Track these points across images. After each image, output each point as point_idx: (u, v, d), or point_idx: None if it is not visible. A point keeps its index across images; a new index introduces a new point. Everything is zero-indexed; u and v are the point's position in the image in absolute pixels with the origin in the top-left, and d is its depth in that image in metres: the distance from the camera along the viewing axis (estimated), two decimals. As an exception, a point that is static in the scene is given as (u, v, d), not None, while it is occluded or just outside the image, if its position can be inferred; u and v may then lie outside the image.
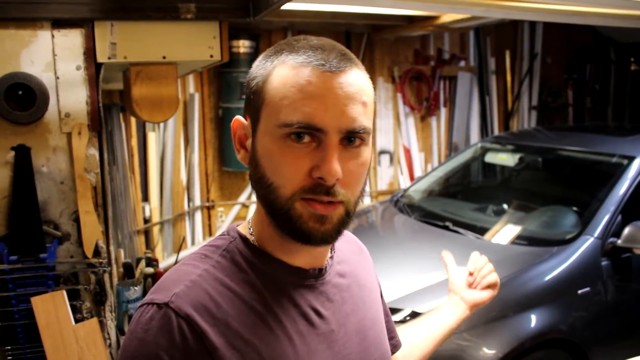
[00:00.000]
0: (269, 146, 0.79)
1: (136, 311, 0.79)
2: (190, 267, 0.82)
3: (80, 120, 1.66)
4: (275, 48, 0.83)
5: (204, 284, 0.79)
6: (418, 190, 4.18)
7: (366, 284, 1.00)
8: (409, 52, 5.73)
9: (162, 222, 4.67)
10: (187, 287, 0.78)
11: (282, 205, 0.79)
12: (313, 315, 0.86)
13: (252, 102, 0.82)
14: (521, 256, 2.91)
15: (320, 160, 0.77)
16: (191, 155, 4.81)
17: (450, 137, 5.95)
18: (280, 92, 0.78)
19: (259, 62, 0.84)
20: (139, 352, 0.75)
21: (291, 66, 0.79)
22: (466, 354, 2.48)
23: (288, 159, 0.78)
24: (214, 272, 0.81)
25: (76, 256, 1.73)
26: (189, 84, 4.79)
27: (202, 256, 0.84)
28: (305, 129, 0.76)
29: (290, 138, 0.77)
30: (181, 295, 0.77)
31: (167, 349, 0.74)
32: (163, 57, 1.75)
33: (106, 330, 1.82)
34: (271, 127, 0.79)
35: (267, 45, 4.99)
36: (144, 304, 0.78)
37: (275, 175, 0.79)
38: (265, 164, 0.80)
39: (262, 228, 0.86)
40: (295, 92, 0.77)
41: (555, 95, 6.56)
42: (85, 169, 1.68)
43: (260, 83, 0.81)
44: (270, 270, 0.84)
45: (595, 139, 3.87)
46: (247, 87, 0.84)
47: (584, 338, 2.73)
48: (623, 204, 3.04)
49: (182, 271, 0.82)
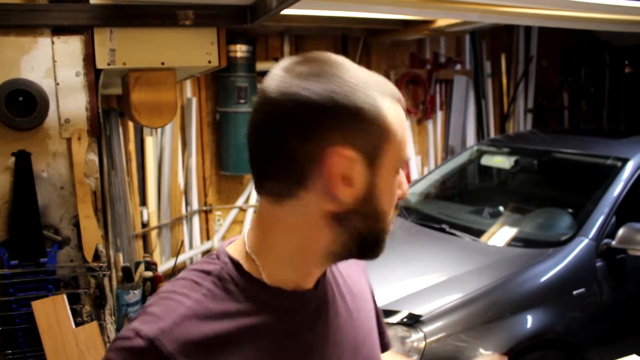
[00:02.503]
0: (391, 181, 0.80)
1: (122, 332, 0.76)
2: (181, 297, 0.78)
3: (80, 125, 1.68)
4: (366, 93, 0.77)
5: (193, 318, 0.76)
6: (415, 193, 4.20)
7: (359, 293, 0.98)
8: (405, 56, 5.76)
9: (160, 226, 4.68)
10: (175, 323, 0.74)
11: (385, 229, 0.83)
12: (308, 336, 0.84)
13: (367, 135, 0.75)
14: (517, 258, 2.93)
15: (400, 184, 0.82)
16: (189, 159, 4.83)
17: (446, 140, 5.98)
18: (399, 128, 0.78)
19: (358, 85, 0.75)
20: None
21: (391, 100, 0.78)
22: (463, 355, 2.49)
23: (395, 189, 0.82)
24: (204, 302, 0.78)
25: (76, 260, 1.74)
26: (187, 89, 4.81)
27: (193, 283, 0.80)
28: None
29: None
30: (167, 332, 0.73)
31: None
32: (162, 63, 1.77)
33: (106, 334, 1.83)
34: (396, 163, 0.79)
35: (264, 49, 5.02)
36: (130, 329, 0.74)
37: (390, 206, 0.81)
38: (385, 198, 0.80)
39: (286, 256, 0.81)
40: (403, 128, 0.79)
41: (551, 98, 6.60)
42: (84, 174, 1.70)
43: (375, 115, 0.75)
44: (265, 296, 0.81)
45: (590, 142, 3.90)
46: (351, 113, 0.73)
47: (580, 338, 2.75)
48: (617, 205, 3.07)
49: (172, 300, 0.77)
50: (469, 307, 2.63)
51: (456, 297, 2.65)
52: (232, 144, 4.80)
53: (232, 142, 4.80)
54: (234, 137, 4.78)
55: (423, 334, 2.51)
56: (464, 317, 2.59)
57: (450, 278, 2.82)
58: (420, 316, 2.56)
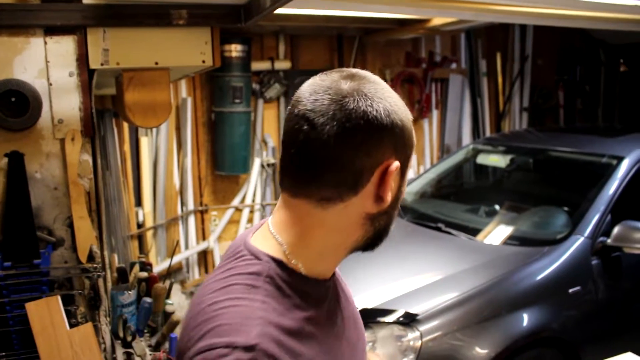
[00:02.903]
0: (405, 184, 0.92)
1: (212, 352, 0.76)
2: (247, 302, 0.81)
3: (74, 126, 1.67)
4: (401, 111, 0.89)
5: (271, 318, 0.80)
6: (410, 192, 4.20)
7: (339, 278, 1.05)
8: (400, 55, 5.76)
9: (155, 226, 4.67)
10: (261, 325, 0.78)
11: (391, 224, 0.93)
12: (338, 320, 0.94)
13: (405, 148, 0.88)
14: (513, 256, 2.94)
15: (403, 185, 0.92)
16: (184, 159, 4.82)
17: (442, 139, 5.99)
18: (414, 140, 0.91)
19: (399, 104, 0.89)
20: None
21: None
22: (459, 354, 2.50)
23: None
24: (270, 302, 0.82)
25: (70, 261, 1.73)
26: (182, 88, 4.79)
27: (249, 286, 0.83)
28: None
29: None
30: (262, 335, 0.77)
31: None
32: (155, 62, 1.76)
33: (101, 335, 1.82)
34: (408, 169, 0.91)
35: (259, 49, 5.01)
36: (218, 347, 0.75)
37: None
38: (400, 200, 0.92)
39: (323, 252, 0.89)
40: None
41: (546, 96, 6.61)
42: (78, 174, 1.69)
43: (409, 131, 0.89)
44: (308, 288, 0.87)
45: (585, 140, 3.90)
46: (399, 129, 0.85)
47: (576, 336, 2.76)
48: (612, 203, 3.08)
49: (240, 307, 0.80)
50: (465, 305, 2.63)
51: (452, 295, 2.65)
52: (228, 143, 4.79)
53: (228, 142, 4.79)
54: (230, 137, 4.77)
55: (419, 332, 2.51)
56: (460, 316, 2.59)
57: (446, 277, 2.82)
58: (416, 315, 2.56)
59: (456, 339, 2.54)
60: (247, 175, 5.10)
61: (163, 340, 1.93)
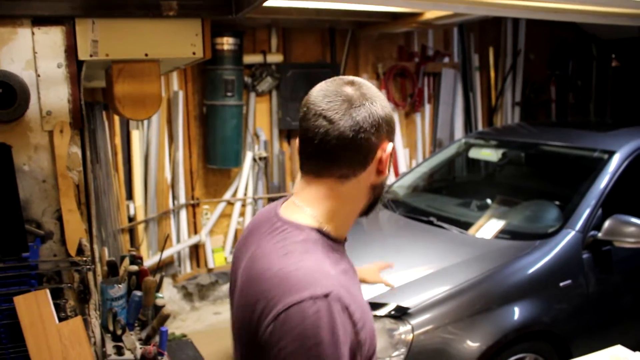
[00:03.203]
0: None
1: (300, 306, 0.94)
2: (310, 262, 1.03)
3: (62, 118, 1.65)
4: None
5: (330, 271, 1.03)
6: (402, 186, 4.20)
7: None
8: (393, 49, 5.75)
9: (146, 220, 4.65)
10: (328, 277, 1.00)
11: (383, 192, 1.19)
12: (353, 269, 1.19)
13: (392, 133, 1.15)
14: (504, 250, 2.95)
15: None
16: (175, 153, 4.80)
17: (434, 133, 5.99)
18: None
19: (385, 100, 1.15)
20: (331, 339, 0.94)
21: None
22: (451, 347, 2.50)
23: None
24: (324, 259, 1.05)
25: (59, 255, 1.72)
26: (173, 82, 4.76)
27: (304, 251, 1.05)
28: None
29: None
30: (331, 284, 0.98)
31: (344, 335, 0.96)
32: (145, 54, 1.74)
33: (90, 329, 1.81)
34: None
35: (251, 42, 4.99)
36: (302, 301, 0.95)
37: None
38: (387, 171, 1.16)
39: (343, 218, 1.14)
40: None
41: (539, 91, 6.62)
42: (67, 167, 1.67)
43: (393, 120, 1.16)
44: (337, 248, 1.13)
45: (577, 134, 3.91)
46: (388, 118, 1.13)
47: (566, 330, 2.77)
48: (604, 197, 3.09)
49: (308, 266, 1.01)
50: (456, 299, 2.63)
51: (444, 289, 2.65)
52: (220, 137, 4.77)
53: (220, 135, 4.77)
54: (221, 130, 4.75)
55: (411, 326, 2.51)
56: (451, 310, 2.59)
57: (438, 270, 2.82)
58: (407, 308, 2.56)
59: (448, 333, 2.54)
60: (239, 169, 5.09)
61: (153, 334, 1.92)
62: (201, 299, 5.02)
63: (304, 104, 1.14)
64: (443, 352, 2.50)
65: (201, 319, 4.76)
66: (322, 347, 0.93)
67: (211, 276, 5.02)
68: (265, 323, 0.98)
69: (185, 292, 4.94)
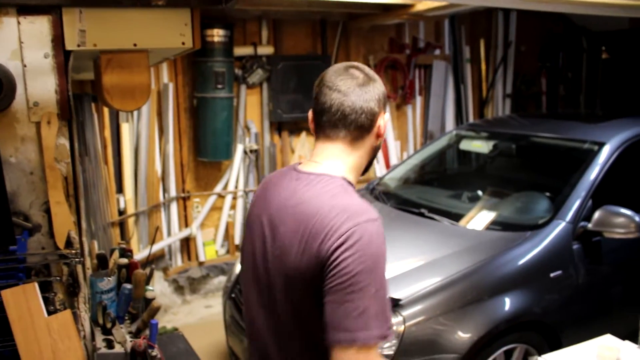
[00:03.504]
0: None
1: (362, 225, 1.26)
2: (355, 197, 1.35)
3: (50, 109, 1.63)
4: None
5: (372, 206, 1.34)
6: (394, 178, 4.20)
7: None
8: (384, 41, 5.74)
9: (137, 213, 4.63)
10: (372, 207, 1.32)
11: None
12: None
13: (387, 104, 1.48)
14: (495, 241, 2.95)
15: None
16: (166, 145, 4.77)
17: (425, 125, 5.99)
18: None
19: (379, 79, 1.46)
20: (383, 248, 1.28)
21: None
22: (442, 338, 2.51)
23: None
24: (362, 198, 1.36)
25: (47, 247, 1.70)
26: (163, 74, 4.73)
27: (346, 190, 1.36)
28: None
29: None
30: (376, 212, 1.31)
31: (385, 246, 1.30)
32: (134, 44, 1.72)
33: (80, 322, 1.80)
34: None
35: (242, 34, 4.96)
36: (367, 221, 1.27)
37: None
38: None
39: (355, 172, 1.45)
40: None
41: (529, 83, 6.64)
42: (55, 158, 1.65)
43: (385, 96, 1.47)
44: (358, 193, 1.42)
45: (567, 126, 3.92)
46: (384, 92, 1.46)
47: (556, 320, 2.79)
48: (594, 189, 3.10)
49: (357, 199, 1.33)
50: (447, 290, 2.64)
51: (435, 280, 2.66)
52: (210, 129, 4.74)
53: (210, 128, 4.74)
54: (212, 122, 4.73)
55: (402, 317, 2.52)
56: (442, 301, 2.60)
57: (429, 262, 2.82)
58: (399, 300, 2.57)
59: (439, 324, 2.55)
60: (230, 161, 5.07)
61: (144, 327, 1.90)
62: (192, 293, 5.01)
63: (319, 83, 1.43)
64: (434, 343, 2.50)
65: (193, 313, 4.75)
66: (379, 252, 1.26)
67: (202, 269, 5.01)
68: (330, 243, 1.24)
69: (177, 286, 4.92)
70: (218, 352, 3.91)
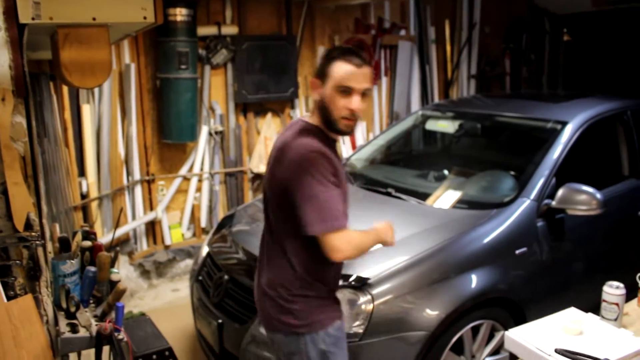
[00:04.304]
0: (333, 95, 1.91)
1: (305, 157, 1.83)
2: (310, 139, 1.89)
3: (4, 85, 1.56)
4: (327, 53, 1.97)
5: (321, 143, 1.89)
6: (360, 159, 4.20)
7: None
8: (349, 21, 5.70)
9: (100, 197, 4.52)
10: (319, 144, 1.88)
11: (334, 120, 1.93)
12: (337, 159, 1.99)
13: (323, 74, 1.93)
14: (462, 219, 2.98)
15: (346, 104, 1.91)
16: (129, 127, 4.66)
17: (391, 105, 6.00)
18: (336, 73, 1.90)
19: (322, 58, 1.97)
20: (324, 171, 1.83)
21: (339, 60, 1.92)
22: (410, 316, 2.53)
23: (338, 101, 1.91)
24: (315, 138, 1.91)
25: (6, 230, 1.64)
26: (125, 54, 4.60)
27: (307, 133, 1.92)
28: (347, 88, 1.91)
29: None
30: (321, 147, 1.87)
31: (327, 166, 1.84)
32: (93, 18, 1.66)
33: (42, 307, 1.75)
34: (336, 87, 1.90)
35: (205, 13, 4.86)
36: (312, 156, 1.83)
37: (336, 109, 1.92)
38: (331, 103, 1.91)
39: (320, 124, 1.96)
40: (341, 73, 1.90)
41: (493, 64, 6.70)
42: (11, 137, 1.59)
43: (327, 69, 1.92)
44: (330, 141, 1.98)
45: (531, 106, 3.97)
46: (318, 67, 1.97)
47: (522, 296, 2.83)
48: (557, 167, 3.15)
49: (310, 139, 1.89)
50: (415, 268, 2.65)
51: (403, 259, 2.67)
52: (174, 111, 4.65)
53: (174, 109, 4.65)
54: (176, 104, 4.63)
55: (371, 296, 2.52)
56: (410, 279, 2.61)
57: (397, 241, 2.82)
58: (367, 279, 2.57)
59: (407, 302, 2.56)
60: (195, 143, 4.99)
61: (109, 310, 1.86)
62: (159, 276, 4.94)
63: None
64: (403, 321, 2.52)
65: (159, 297, 4.70)
66: (312, 171, 1.81)
67: (168, 253, 4.94)
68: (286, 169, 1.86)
69: (142, 270, 4.85)
70: (186, 336, 3.87)
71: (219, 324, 2.89)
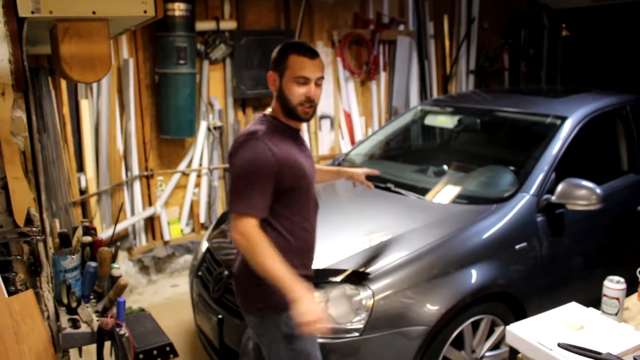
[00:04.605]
0: (290, 85, 2.05)
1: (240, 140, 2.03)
2: (259, 126, 2.05)
3: (4, 79, 1.55)
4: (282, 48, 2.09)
5: (267, 131, 2.03)
6: (359, 154, 4.20)
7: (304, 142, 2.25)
8: (348, 16, 5.69)
9: (99, 192, 4.51)
10: (264, 131, 2.02)
11: (293, 109, 2.06)
12: (301, 146, 2.16)
13: (280, 67, 2.07)
14: (461, 214, 2.98)
15: (304, 92, 2.05)
16: (127, 123, 4.65)
17: (390, 100, 5.99)
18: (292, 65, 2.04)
19: (277, 53, 2.09)
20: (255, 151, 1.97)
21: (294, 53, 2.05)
22: (410, 311, 2.53)
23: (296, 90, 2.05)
24: (267, 128, 2.05)
25: (6, 225, 1.63)
26: (123, 49, 4.59)
27: (255, 124, 2.08)
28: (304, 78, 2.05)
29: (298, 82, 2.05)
30: (263, 133, 2.02)
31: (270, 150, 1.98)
32: (93, 12, 1.64)
33: (43, 302, 1.74)
34: (293, 78, 2.04)
35: (204, 8, 4.84)
36: (247, 139, 2.01)
37: (294, 98, 2.05)
38: (289, 93, 2.05)
39: (280, 114, 2.11)
40: (296, 66, 2.04)
41: (492, 59, 6.69)
42: (11, 132, 1.58)
43: (282, 60, 2.05)
44: (285, 128, 2.11)
45: (530, 101, 3.97)
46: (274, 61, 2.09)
47: (521, 291, 2.84)
48: (556, 162, 3.15)
49: (253, 127, 2.05)
50: (415, 264, 2.65)
51: (403, 254, 2.67)
52: (173, 106, 4.64)
53: (173, 104, 4.64)
54: (174, 99, 4.62)
55: (371, 291, 2.52)
56: (410, 274, 2.61)
57: (397, 236, 2.83)
58: (367, 274, 2.57)
59: (407, 297, 2.56)
60: (193, 138, 4.98)
61: (110, 306, 1.86)
62: (158, 272, 4.94)
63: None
64: (403, 316, 2.52)
65: (159, 292, 4.69)
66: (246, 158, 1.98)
67: (167, 248, 4.94)
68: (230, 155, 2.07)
69: (142, 266, 4.85)
70: (186, 331, 3.87)
71: (219, 319, 2.89)
